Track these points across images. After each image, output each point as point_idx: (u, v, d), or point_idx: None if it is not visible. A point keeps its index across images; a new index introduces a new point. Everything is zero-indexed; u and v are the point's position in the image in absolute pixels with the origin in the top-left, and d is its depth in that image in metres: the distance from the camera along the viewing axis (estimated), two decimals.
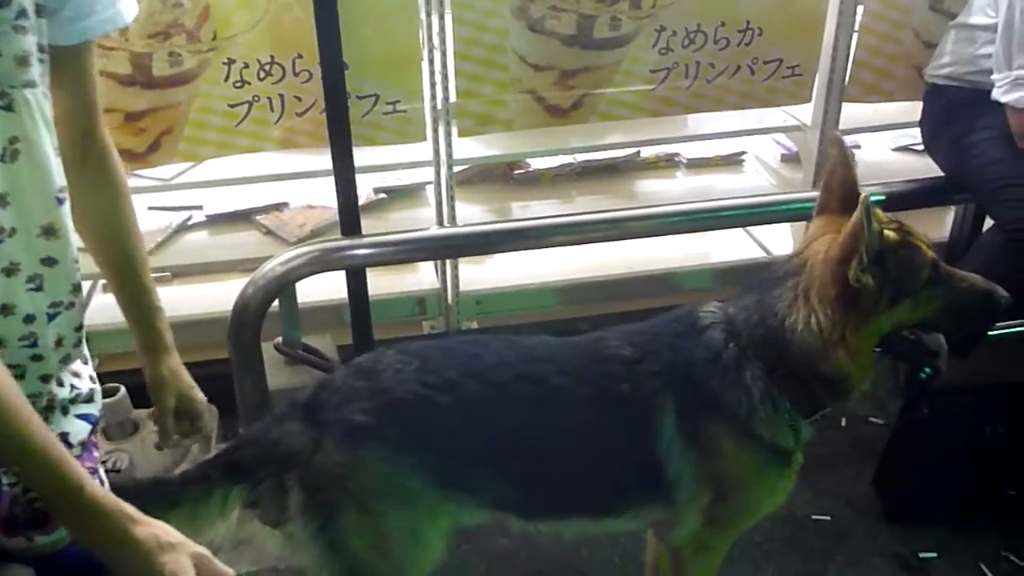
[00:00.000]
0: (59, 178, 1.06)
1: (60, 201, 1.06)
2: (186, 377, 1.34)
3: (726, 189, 2.94)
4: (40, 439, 0.90)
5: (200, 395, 1.36)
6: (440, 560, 1.53)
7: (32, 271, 1.05)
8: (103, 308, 1.79)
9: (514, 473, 1.48)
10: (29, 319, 1.05)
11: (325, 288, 2.45)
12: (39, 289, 1.06)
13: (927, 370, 2.19)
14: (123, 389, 2.16)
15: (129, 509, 0.93)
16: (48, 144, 1.03)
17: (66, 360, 1.14)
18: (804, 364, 1.42)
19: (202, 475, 1.36)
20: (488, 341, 1.54)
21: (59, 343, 1.11)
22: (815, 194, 2.52)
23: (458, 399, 1.43)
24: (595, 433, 1.46)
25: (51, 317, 1.08)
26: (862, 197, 1.30)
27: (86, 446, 1.18)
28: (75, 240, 1.10)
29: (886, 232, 1.36)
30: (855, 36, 2.56)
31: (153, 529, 0.93)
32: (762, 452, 1.48)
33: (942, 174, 2.37)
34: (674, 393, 1.44)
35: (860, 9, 2.54)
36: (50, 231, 1.05)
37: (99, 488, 0.93)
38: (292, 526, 1.46)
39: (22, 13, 0.95)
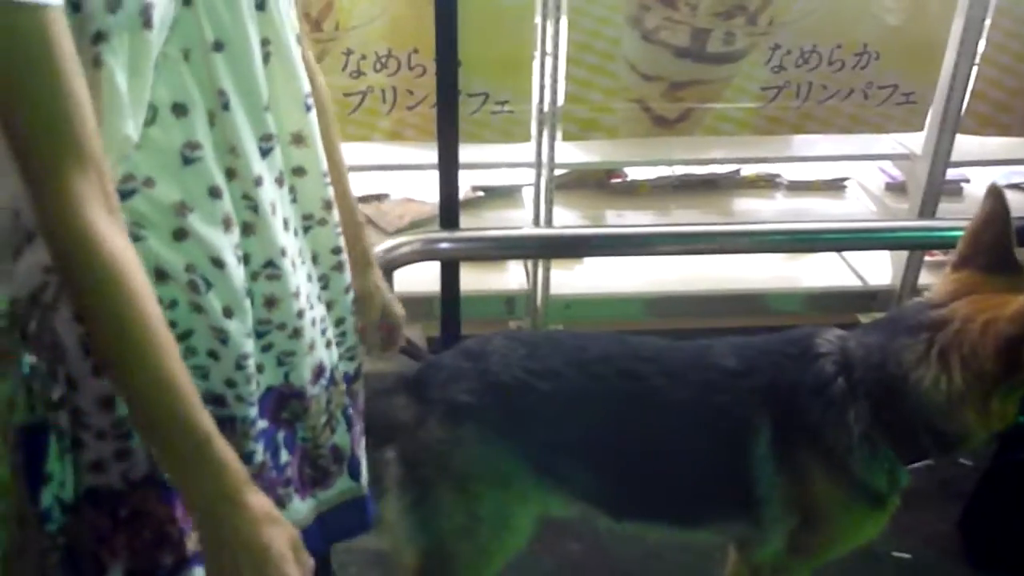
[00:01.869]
0: (306, 83, 1.06)
1: (308, 108, 1.07)
2: (388, 291, 1.40)
3: (826, 213, 2.90)
4: (180, 374, 0.85)
5: (400, 308, 1.43)
6: (522, 548, 1.56)
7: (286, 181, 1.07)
8: None
9: (606, 468, 1.50)
10: (285, 226, 1.07)
11: (418, 280, 2.49)
12: (292, 201, 1.09)
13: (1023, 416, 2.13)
14: None
15: (245, 471, 0.90)
16: (295, 46, 1.04)
17: (324, 282, 1.18)
18: (919, 417, 1.38)
19: None
20: (595, 335, 1.57)
21: (314, 259, 1.15)
22: (920, 223, 2.52)
23: (560, 388, 1.45)
24: (689, 440, 1.47)
25: (304, 231, 1.12)
26: None
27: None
28: (323, 153, 1.10)
29: None
30: (975, 67, 2.50)
31: (262, 498, 0.91)
32: (854, 490, 1.46)
33: None
34: (772, 413, 1.43)
35: (983, 39, 2.47)
36: (299, 139, 1.07)
37: (225, 442, 0.88)
38: (383, 502, 1.50)
39: None
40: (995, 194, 1.42)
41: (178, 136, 0.94)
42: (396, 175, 2.85)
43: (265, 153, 1.02)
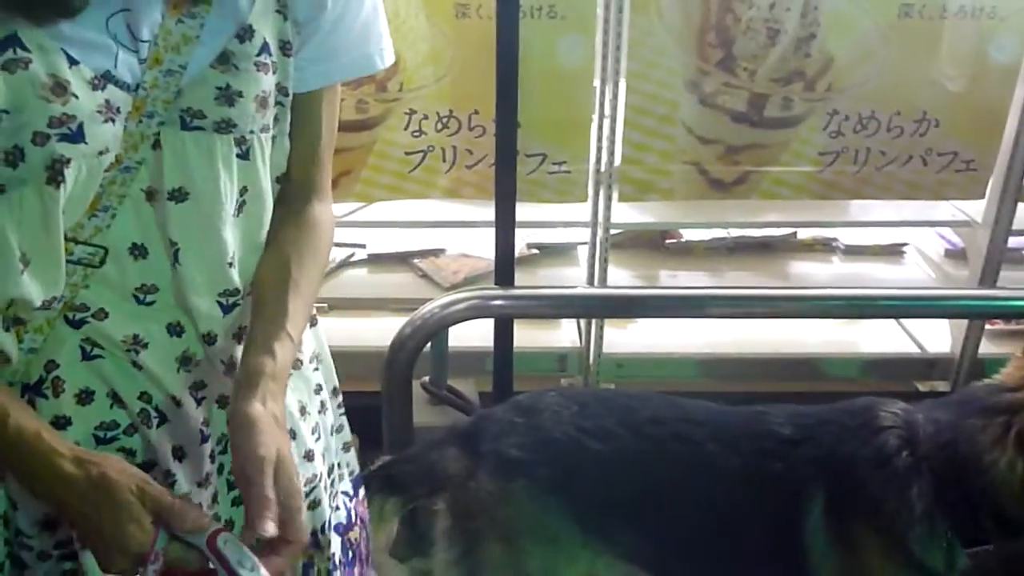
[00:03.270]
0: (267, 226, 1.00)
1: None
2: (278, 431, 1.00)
3: (883, 279, 2.87)
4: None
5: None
6: None
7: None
8: None
9: (655, 531, 1.49)
10: None
11: (472, 335, 2.52)
12: None
13: None
14: None
15: (56, 443, 0.84)
16: (270, 195, 0.98)
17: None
18: (985, 499, 1.37)
19: (364, 483, 1.43)
20: (648, 396, 1.58)
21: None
22: (981, 292, 2.48)
23: (611, 448, 1.46)
24: (740, 507, 1.46)
25: None
26: None
27: None
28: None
29: None
30: None
31: (86, 466, 0.83)
32: (910, 569, 1.43)
33: None
34: (829, 484, 1.42)
35: None
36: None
37: (28, 419, 0.84)
38: (433, 552, 1.51)
39: (264, 48, 0.89)
40: None
41: (134, 277, 0.90)
42: (453, 231, 2.90)
43: (228, 309, 0.96)
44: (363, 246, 2.90)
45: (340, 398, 1.18)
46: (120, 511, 0.84)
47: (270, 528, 0.86)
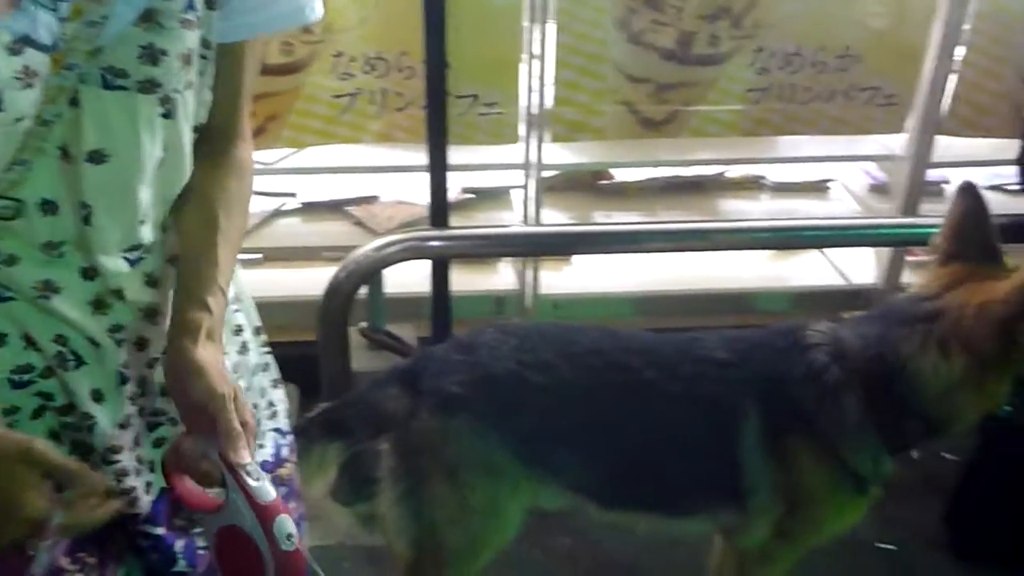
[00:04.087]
0: (184, 181, 0.99)
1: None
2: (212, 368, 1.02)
3: (810, 214, 2.93)
4: None
5: (222, 389, 0.97)
6: (511, 540, 1.58)
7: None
8: None
9: (597, 459, 1.53)
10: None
11: (409, 280, 2.52)
12: None
13: (1007, 408, 2.17)
14: None
15: None
16: (190, 150, 0.97)
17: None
18: (911, 404, 1.43)
19: (301, 430, 1.43)
20: (585, 328, 1.59)
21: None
22: (902, 220, 2.55)
23: (551, 380, 1.48)
24: (679, 430, 1.50)
25: None
26: None
27: None
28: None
29: None
30: (955, 69, 2.55)
31: None
32: (841, 475, 1.50)
33: None
34: (762, 402, 1.47)
35: (963, 43, 2.52)
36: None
37: None
38: (378, 493, 1.52)
39: (190, 6, 0.87)
40: (970, 191, 1.49)
41: (42, 233, 0.87)
42: (386, 177, 2.87)
43: (134, 263, 0.95)
44: (294, 195, 2.86)
45: (264, 337, 1.18)
46: (8, 478, 0.82)
47: (246, 456, 0.90)
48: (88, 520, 0.89)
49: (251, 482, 0.89)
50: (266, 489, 0.90)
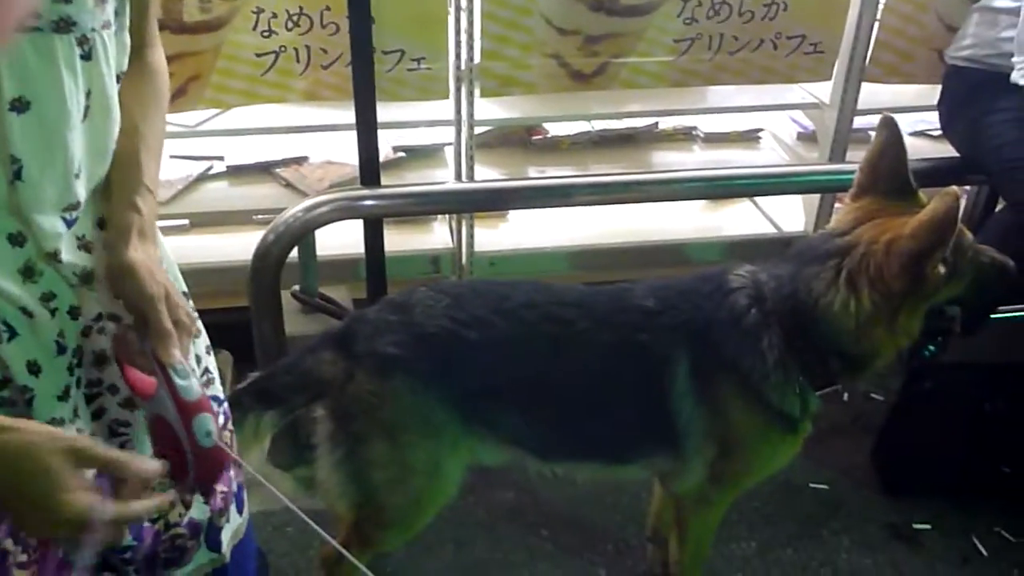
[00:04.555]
0: (116, 127, 0.97)
1: (110, 153, 0.98)
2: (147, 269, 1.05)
3: (741, 164, 2.96)
4: None
5: (151, 289, 1.02)
6: (453, 497, 1.58)
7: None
8: None
9: (534, 412, 1.54)
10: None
11: (342, 243, 2.49)
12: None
13: (930, 347, 2.24)
14: None
15: None
16: (116, 97, 0.95)
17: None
18: (828, 341, 1.45)
19: (235, 401, 1.41)
20: (518, 283, 1.59)
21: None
22: (829, 167, 2.60)
23: (486, 336, 1.48)
24: (613, 379, 1.51)
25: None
26: (950, 192, 1.29)
27: None
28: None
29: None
30: (878, 16, 2.58)
31: (3, 435, 0.81)
32: (768, 416, 1.52)
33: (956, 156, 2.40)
34: (690, 348, 1.49)
35: None
36: (101, 189, 0.98)
37: None
38: (317, 457, 1.51)
39: None
40: (888, 125, 1.50)
41: None
42: (316, 138, 2.81)
43: (70, 224, 0.93)
44: (221, 158, 2.78)
45: (191, 302, 1.16)
46: (48, 479, 0.80)
47: (176, 355, 0.94)
48: (142, 509, 0.88)
49: (178, 380, 0.94)
50: (191, 388, 0.95)
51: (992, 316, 1.94)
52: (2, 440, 0.81)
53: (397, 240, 2.60)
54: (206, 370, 1.20)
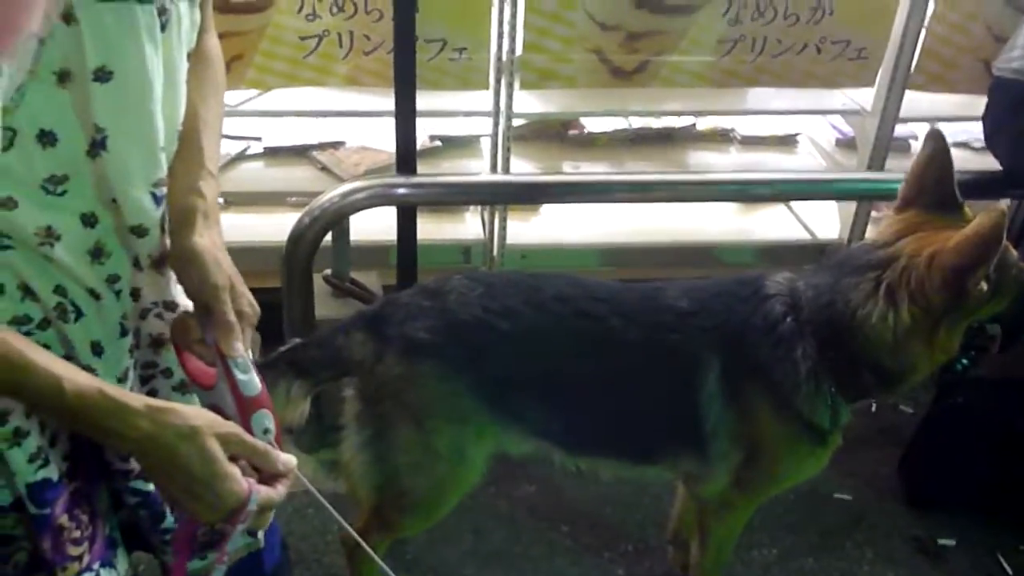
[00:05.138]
0: (183, 110, 0.97)
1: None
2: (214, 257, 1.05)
3: (777, 167, 2.94)
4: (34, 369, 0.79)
5: (221, 279, 1.02)
6: (475, 485, 1.59)
7: None
8: None
9: (561, 405, 1.53)
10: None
11: (375, 227, 2.50)
12: None
13: (963, 361, 2.21)
14: None
15: (130, 399, 0.83)
16: (185, 74, 0.95)
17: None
18: (864, 354, 1.42)
19: (270, 364, 1.42)
20: (551, 276, 1.59)
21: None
22: (867, 175, 2.57)
23: (516, 327, 1.48)
24: (642, 377, 1.50)
25: None
26: (997, 208, 1.27)
27: None
28: None
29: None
30: (925, 24, 2.54)
31: (163, 417, 0.83)
32: (797, 426, 1.51)
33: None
34: (722, 351, 1.47)
35: None
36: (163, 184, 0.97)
37: (85, 381, 0.82)
38: (343, 438, 1.52)
39: None
40: (935, 137, 1.46)
41: (41, 167, 0.84)
42: (353, 123, 2.83)
43: (159, 201, 0.93)
44: (259, 139, 2.80)
45: None
46: (210, 465, 0.83)
47: (239, 348, 0.93)
48: (277, 499, 0.90)
49: (238, 374, 0.92)
50: (253, 383, 0.93)
51: None
52: (165, 422, 0.82)
53: (429, 229, 2.61)
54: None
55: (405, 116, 2.24)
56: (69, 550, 1.00)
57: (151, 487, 1.07)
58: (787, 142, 3.08)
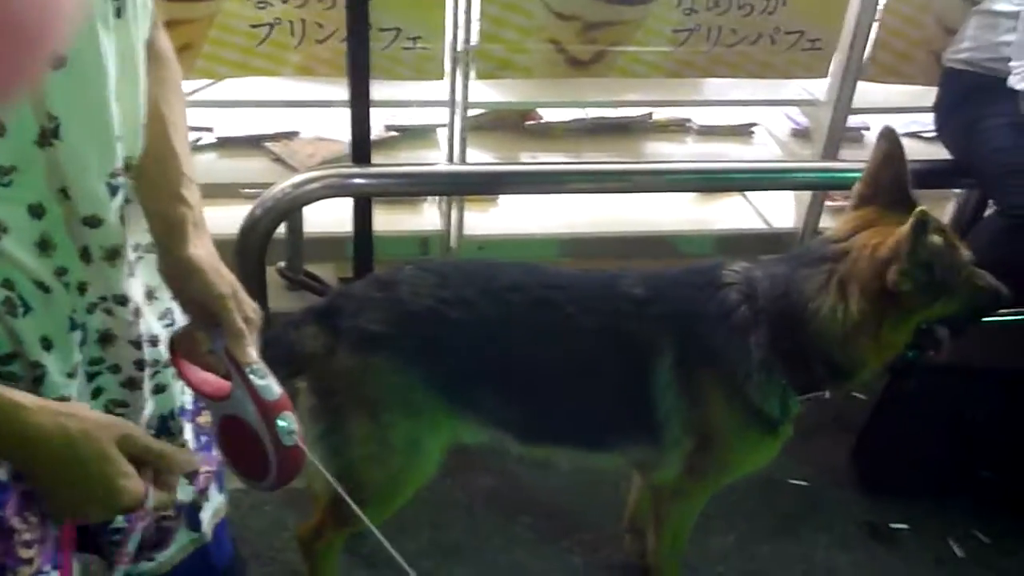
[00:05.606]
0: (144, 101, 0.93)
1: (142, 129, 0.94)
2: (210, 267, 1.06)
3: (734, 158, 2.95)
4: None
5: (222, 288, 1.02)
6: (432, 476, 1.57)
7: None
8: None
9: (516, 394, 1.53)
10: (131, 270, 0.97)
11: (331, 220, 2.47)
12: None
13: (913, 351, 2.24)
14: None
15: (19, 396, 0.80)
16: (144, 68, 0.91)
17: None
18: (814, 346, 1.44)
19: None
20: (506, 264, 1.58)
21: (149, 294, 1.04)
22: (821, 164, 2.59)
23: (470, 317, 1.47)
24: (596, 365, 1.51)
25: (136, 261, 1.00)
26: (918, 211, 1.30)
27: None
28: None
29: (933, 238, 1.36)
30: (878, 16, 2.57)
31: (59, 417, 0.80)
32: (748, 414, 1.52)
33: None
34: (676, 339, 1.48)
35: None
36: (132, 165, 0.93)
37: None
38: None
39: None
40: (889, 136, 1.50)
41: None
42: (307, 113, 2.78)
43: (115, 191, 0.90)
44: (210, 129, 2.75)
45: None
46: (108, 465, 0.80)
47: (252, 354, 0.93)
48: (171, 499, 0.89)
49: (256, 380, 0.92)
50: (272, 387, 0.92)
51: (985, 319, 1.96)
52: (60, 424, 0.80)
53: (386, 220, 2.58)
54: None
55: (359, 106, 2.22)
56: (20, 552, 0.97)
57: None
58: (743, 132, 3.09)
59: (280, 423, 0.91)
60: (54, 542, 1.04)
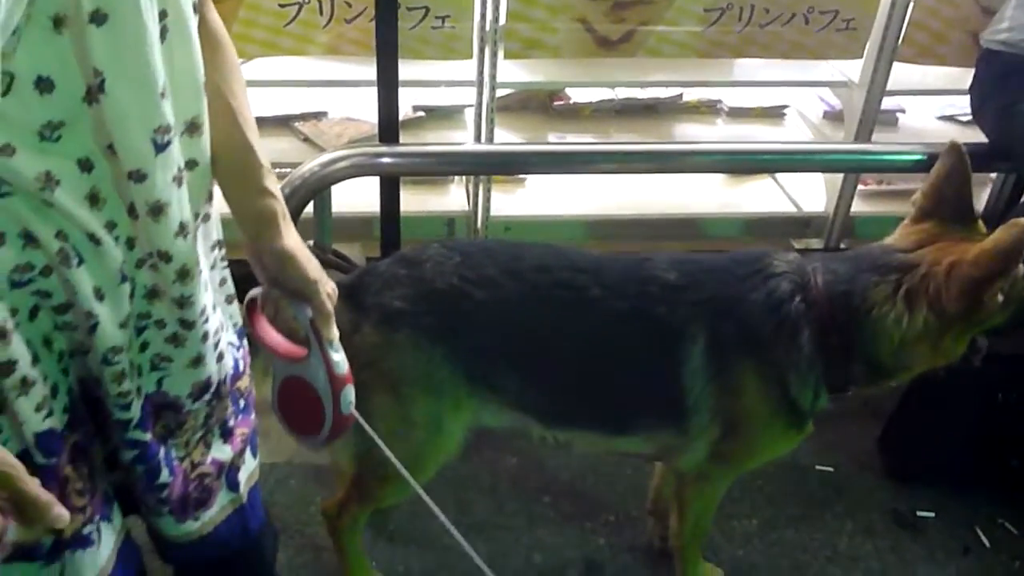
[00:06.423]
0: (200, 63, 0.94)
1: (203, 92, 0.96)
2: (298, 254, 1.10)
3: (765, 140, 2.92)
4: None
5: (312, 273, 1.10)
6: (454, 455, 1.58)
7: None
8: None
9: (539, 376, 1.53)
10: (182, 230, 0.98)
11: (358, 200, 2.48)
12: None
13: None
14: None
15: None
16: (193, 20, 0.92)
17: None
18: (863, 349, 1.45)
19: (249, 339, 1.41)
20: (531, 245, 1.58)
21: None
22: (854, 146, 2.56)
23: (494, 296, 1.47)
24: (621, 350, 1.50)
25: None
26: (1018, 223, 1.29)
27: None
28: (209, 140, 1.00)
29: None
30: None
31: None
32: (781, 405, 1.52)
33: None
34: (711, 325, 1.47)
35: None
36: (194, 127, 0.96)
37: None
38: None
39: None
40: (955, 150, 1.49)
41: (38, 114, 0.83)
42: (335, 93, 2.79)
43: (161, 148, 0.91)
44: None
45: (224, 251, 1.16)
46: None
47: (335, 332, 1.09)
48: (34, 537, 0.91)
49: (333, 355, 1.08)
50: (343, 363, 1.09)
51: None
52: None
53: (413, 200, 2.59)
54: (230, 316, 1.21)
55: (387, 86, 2.22)
56: (74, 501, 1.01)
57: (148, 436, 1.07)
58: (774, 114, 3.06)
59: (344, 394, 1.09)
60: (103, 495, 1.07)
